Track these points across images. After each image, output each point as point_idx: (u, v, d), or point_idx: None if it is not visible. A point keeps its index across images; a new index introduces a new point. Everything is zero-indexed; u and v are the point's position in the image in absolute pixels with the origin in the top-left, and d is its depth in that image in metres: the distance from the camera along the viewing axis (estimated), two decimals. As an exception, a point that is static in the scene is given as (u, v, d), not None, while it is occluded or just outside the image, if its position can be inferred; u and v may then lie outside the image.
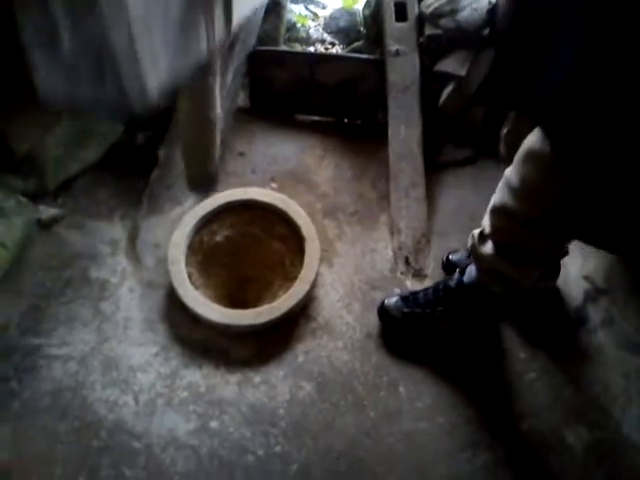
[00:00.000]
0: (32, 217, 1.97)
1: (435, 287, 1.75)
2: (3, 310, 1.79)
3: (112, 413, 1.61)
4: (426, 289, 1.77)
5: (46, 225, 1.99)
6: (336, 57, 2.36)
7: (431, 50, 2.20)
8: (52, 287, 1.86)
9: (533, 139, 1.15)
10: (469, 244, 1.58)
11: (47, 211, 2.00)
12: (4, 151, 1.81)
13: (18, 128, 1.79)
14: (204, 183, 2.10)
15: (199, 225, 1.91)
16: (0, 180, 1.85)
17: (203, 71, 1.67)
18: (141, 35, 1.16)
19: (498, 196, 1.36)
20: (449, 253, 1.95)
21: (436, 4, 2.10)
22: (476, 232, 1.55)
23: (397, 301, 1.78)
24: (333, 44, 2.69)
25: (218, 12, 1.47)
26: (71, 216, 2.04)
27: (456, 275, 1.68)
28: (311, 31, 2.73)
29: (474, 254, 1.55)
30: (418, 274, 1.94)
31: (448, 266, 1.93)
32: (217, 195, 1.98)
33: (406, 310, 1.75)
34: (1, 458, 1.52)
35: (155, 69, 1.27)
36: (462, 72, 2.10)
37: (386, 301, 1.79)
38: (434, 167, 2.19)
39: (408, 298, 1.76)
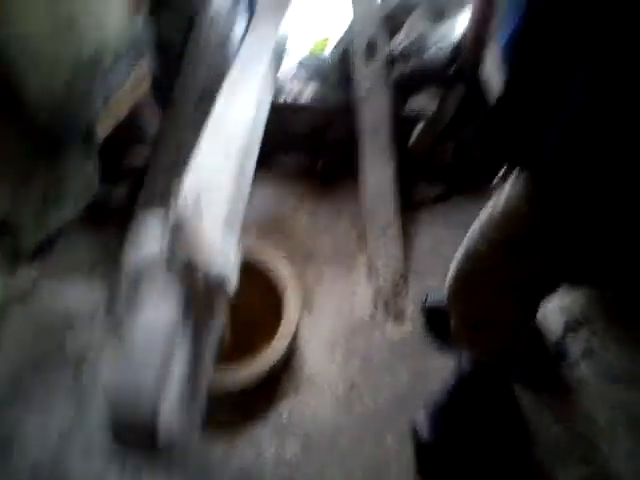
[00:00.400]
0: (7, 284, 1.94)
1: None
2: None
3: (97, 485, 1.59)
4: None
5: (22, 292, 1.97)
6: (304, 106, 2.37)
7: (402, 89, 2.21)
8: (29, 359, 1.81)
9: (518, 198, 1.13)
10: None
11: (22, 277, 1.98)
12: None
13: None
14: None
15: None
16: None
17: None
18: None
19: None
20: (427, 295, 1.94)
21: (405, 43, 2.13)
22: None
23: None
24: (305, 87, 2.68)
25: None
26: (48, 280, 2.02)
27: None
28: (281, 74, 2.73)
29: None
30: (398, 317, 1.93)
31: (428, 313, 1.92)
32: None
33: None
34: None
35: None
36: (432, 109, 2.11)
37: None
38: (409, 206, 2.20)
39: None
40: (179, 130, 2.25)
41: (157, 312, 1.07)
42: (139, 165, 2.27)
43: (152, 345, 0.95)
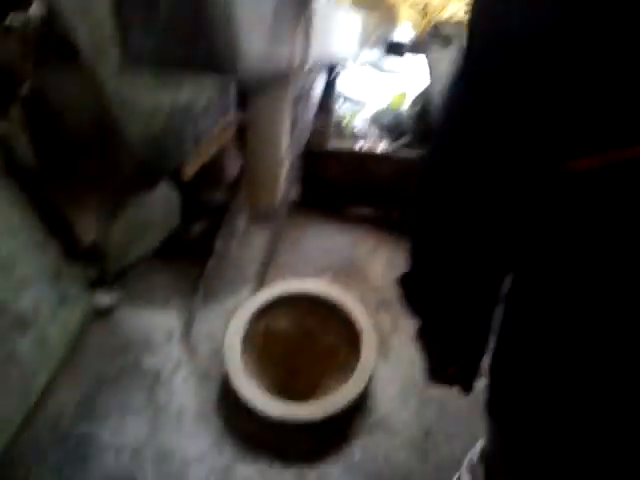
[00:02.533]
0: (90, 304, 2.00)
1: None
2: (59, 397, 1.79)
3: (165, 509, 1.56)
4: None
5: (103, 312, 2.02)
6: (387, 156, 2.45)
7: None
8: (106, 375, 1.87)
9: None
10: None
11: (104, 298, 2.04)
12: (72, 240, 1.88)
13: (86, 220, 1.87)
14: (266, 214, 2.14)
15: (255, 315, 1.91)
16: (66, 268, 1.90)
17: (280, 83, 1.70)
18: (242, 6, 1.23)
19: None
20: None
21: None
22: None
23: None
24: (381, 139, 2.79)
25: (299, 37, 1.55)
26: (127, 304, 2.08)
27: None
28: (358, 127, 2.85)
29: None
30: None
31: None
32: (272, 287, 2.00)
33: None
34: None
35: (249, 40, 1.31)
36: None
37: None
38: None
39: None
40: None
41: None
42: (218, 201, 2.36)
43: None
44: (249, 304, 1.93)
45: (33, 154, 1.63)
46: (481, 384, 1.84)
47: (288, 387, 1.86)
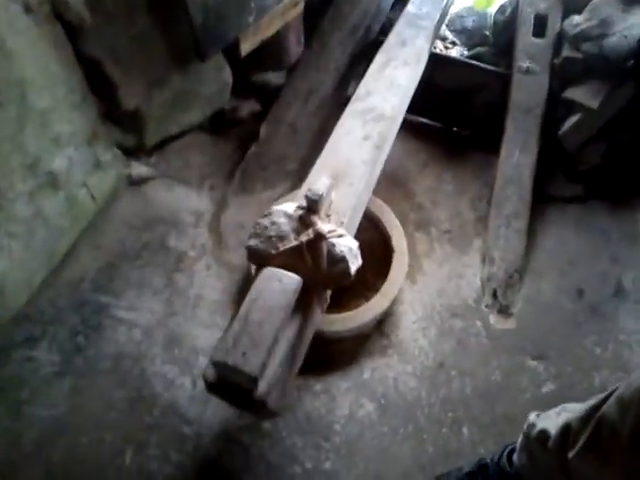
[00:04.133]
0: (124, 172, 1.95)
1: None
2: (82, 263, 1.79)
3: (167, 392, 1.59)
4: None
5: (136, 182, 1.96)
6: (461, 62, 2.21)
7: (564, 74, 2.03)
8: (130, 247, 1.84)
9: None
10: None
11: (139, 168, 1.97)
12: (112, 102, 1.78)
13: (131, 82, 1.75)
14: None
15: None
16: (104, 132, 1.82)
17: None
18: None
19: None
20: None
21: (584, 25, 1.93)
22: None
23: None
24: (454, 44, 2.54)
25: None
26: (162, 178, 2.01)
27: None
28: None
29: None
30: (504, 311, 1.81)
31: None
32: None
33: None
34: (58, 412, 1.53)
35: None
36: (594, 104, 1.94)
37: None
38: (539, 199, 2.03)
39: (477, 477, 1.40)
40: (320, 60, 2.16)
41: (274, 295, 1.15)
42: (273, 86, 2.20)
43: (266, 325, 1.10)
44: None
45: (84, 1, 1.48)
46: (508, 325, 1.79)
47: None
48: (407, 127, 2.27)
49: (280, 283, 1.18)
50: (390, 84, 1.64)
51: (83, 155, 1.72)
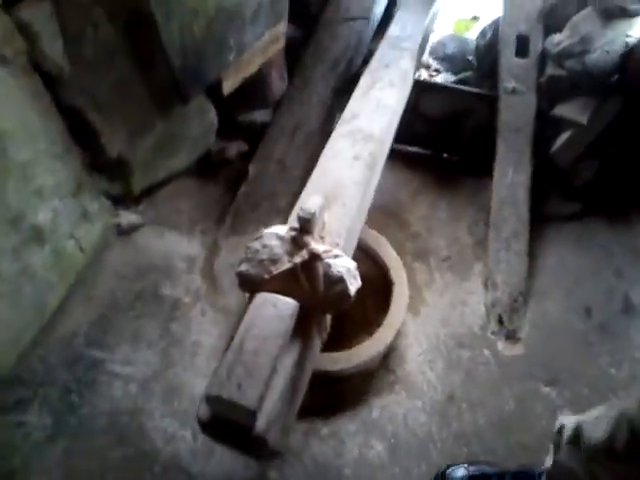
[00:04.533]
0: (112, 222, 1.91)
1: (514, 476, 1.41)
2: (73, 318, 1.73)
3: (169, 446, 1.51)
4: (501, 475, 1.41)
5: (125, 231, 1.92)
6: (446, 87, 2.20)
7: (551, 92, 2.02)
8: (122, 298, 1.79)
9: None
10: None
11: (128, 217, 1.93)
12: (96, 151, 1.75)
13: (113, 129, 1.72)
14: None
15: (282, 252, 1.78)
16: (89, 182, 1.78)
17: None
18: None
19: None
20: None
21: (566, 43, 1.93)
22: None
23: (463, 478, 1.43)
24: (438, 71, 2.54)
25: None
26: (151, 225, 1.97)
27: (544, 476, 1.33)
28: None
29: None
30: (511, 336, 1.76)
31: None
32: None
33: None
34: (52, 478, 1.45)
35: None
36: (583, 119, 1.92)
37: (450, 471, 1.45)
38: (536, 219, 1.99)
39: (478, 478, 1.43)
40: (304, 95, 2.15)
41: (270, 322, 1.07)
42: (258, 124, 2.18)
43: (262, 354, 1.01)
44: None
45: (61, 49, 1.45)
46: (517, 351, 1.73)
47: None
48: (396, 157, 2.25)
49: (275, 308, 1.10)
50: (376, 105, 1.60)
51: (69, 206, 1.68)
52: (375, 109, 1.59)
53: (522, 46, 2.06)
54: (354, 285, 1.16)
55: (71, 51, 1.47)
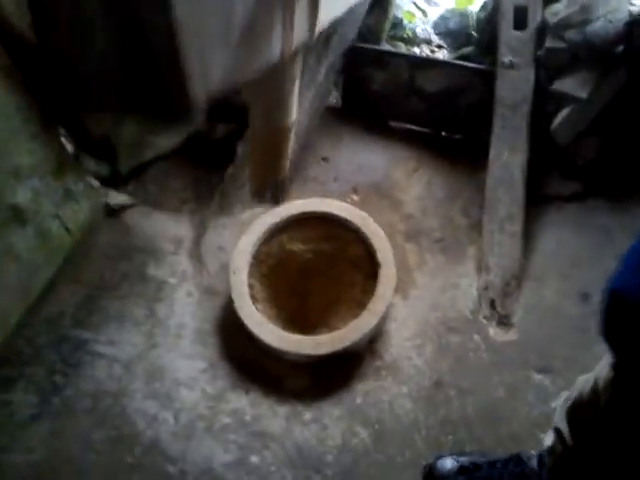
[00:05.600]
0: (100, 202, 1.89)
1: (504, 464, 1.36)
2: (60, 298, 1.73)
3: (150, 429, 1.50)
4: (492, 463, 1.37)
5: (113, 212, 1.91)
6: (441, 62, 2.13)
7: (550, 65, 1.93)
8: (109, 279, 1.78)
9: None
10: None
11: (116, 197, 1.92)
12: (80, 132, 1.73)
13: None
14: (268, 197, 1.94)
15: (268, 234, 1.76)
16: (72, 161, 1.76)
17: (277, 75, 1.49)
18: (188, 38, 1.04)
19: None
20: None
21: (564, 13, 1.84)
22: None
23: (452, 469, 1.38)
24: (440, 47, 2.47)
25: (300, 13, 1.30)
26: (139, 205, 1.95)
27: (535, 460, 1.31)
28: (418, 30, 2.51)
29: None
30: (504, 322, 1.71)
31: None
32: (292, 203, 1.82)
33: None
34: (36, 458, 1.45)
35: (204, 72, 1.15)
36: (583, 94, 1.84)
37: (438, 464, 1.41)
38: (535, 200, 1.93)
39: (468, 469, 1.38)
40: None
41: None
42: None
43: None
44: (263, 220, 1.77)
45: (30, 21, 1.40)
46: (509, 337, 1.68)
47: (296, 316, 1.74)
48: (392, 134, 2.20)
49: None
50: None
51: (50, 186, 1.66)
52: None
53: (521, 18, 1.97)
54: None
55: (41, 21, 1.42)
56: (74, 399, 1.55)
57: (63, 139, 1.74)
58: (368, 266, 1.73)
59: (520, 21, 1.96)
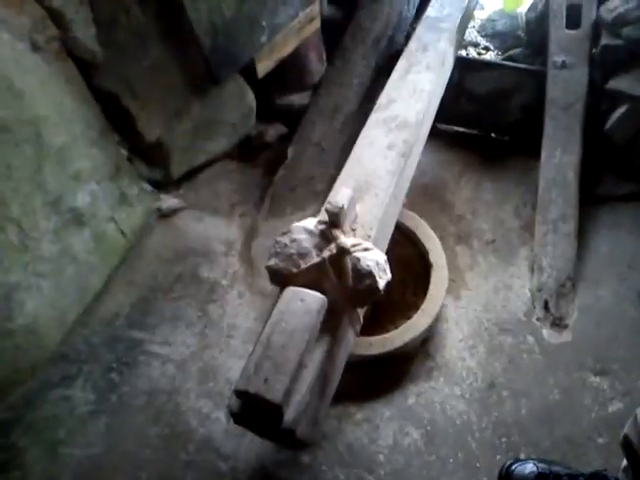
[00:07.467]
0: (153, 206, 1.93)
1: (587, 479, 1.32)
2: (115, 299, 1.77)
3: (203, 427, 1.53)
4: (574, 476, 1.33)
5: (165, 215, 1.94)
6: (491, 64, 2.12)
7: (606, 64, 1.90)
8: (163, 281, 1.81)
9: None
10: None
11: (168, 201, 1.96)
12: (134, 136, 1.77)
13: (150, 114, 1.74)
14: None
15: (319, 235, 1.76)
16: (127, 166, 1.81)
17: None
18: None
19: None
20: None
21: (621, 9, 1.80)
22: None
23: (530, 474, 1.36)
24: (487, 49, 2.45)
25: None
26: (191, 208, 1.98)
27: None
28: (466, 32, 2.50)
29: None
30: (558, 323, 1.67)
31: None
32: (342, 205, 1.83)
33: None
34: (94, 452, 1.49)
35: None
36: (641, 89, 1.79)
37: (518, 466, 1.38)
38: (589, 200, 1.89)
39: (547, 477, 1.34)
40: (344, 77, 2.11)
41: (297, 317, 1.07)
42: (297, 106, 2.16)
43: (289, 348, 1.02)
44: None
45: (94, 35, 1.47)
46: (563, 338, 1.64)
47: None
48: (441, 137, 2.18)
49: (303, 303, 1.10)
50: (413, 90, 1.56)
51: (107, 190, 1.72)
52: (411, 94, 1.55)
53: (574, 16, 1.94)
54: (383, 279, 1.15)
55: (104, 37, 1.48)
56: (130, 396, 1.59)
57: (118, 145, 1.78)
58: (419, 267, 1.72)
59: (573, 20, 1.93)
